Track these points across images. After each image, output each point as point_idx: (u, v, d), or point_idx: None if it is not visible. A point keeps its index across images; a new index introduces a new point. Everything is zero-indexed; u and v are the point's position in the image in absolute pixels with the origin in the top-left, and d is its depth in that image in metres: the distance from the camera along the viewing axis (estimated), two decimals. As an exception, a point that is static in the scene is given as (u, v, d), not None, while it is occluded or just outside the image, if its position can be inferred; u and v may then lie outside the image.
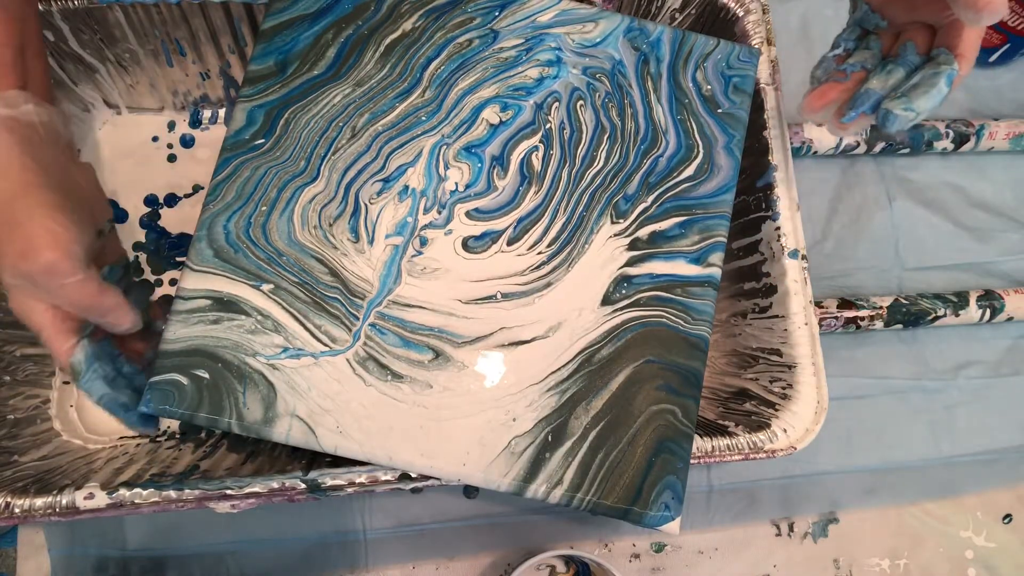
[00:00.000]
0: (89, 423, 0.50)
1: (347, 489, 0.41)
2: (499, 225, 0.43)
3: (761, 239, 0.50)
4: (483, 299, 0.42)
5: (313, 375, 0.40)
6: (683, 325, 0.43)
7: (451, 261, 0.42)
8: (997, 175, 0.65)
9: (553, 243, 0.43)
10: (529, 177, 0.44)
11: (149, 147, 0.56)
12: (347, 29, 0.45)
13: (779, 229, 0.48)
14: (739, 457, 0.45)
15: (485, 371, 0.41)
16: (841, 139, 0.59)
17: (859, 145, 0.60)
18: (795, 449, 0.45)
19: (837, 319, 0.56)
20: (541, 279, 0.43)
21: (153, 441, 0.50)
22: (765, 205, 0.50)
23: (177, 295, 0.40)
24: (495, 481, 0.40)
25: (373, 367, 0.40)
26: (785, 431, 0.45)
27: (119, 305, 0.38)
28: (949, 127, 0.62)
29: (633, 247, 0.44)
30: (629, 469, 0.40)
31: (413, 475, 0.41)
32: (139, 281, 0.44)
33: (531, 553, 0.49)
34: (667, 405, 0.41)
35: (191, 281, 0.41)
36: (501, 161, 0.44)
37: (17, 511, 0.40)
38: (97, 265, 0.40)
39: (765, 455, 0.45)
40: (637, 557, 0.55)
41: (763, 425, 0.46)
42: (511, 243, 0.43)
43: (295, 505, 0.51)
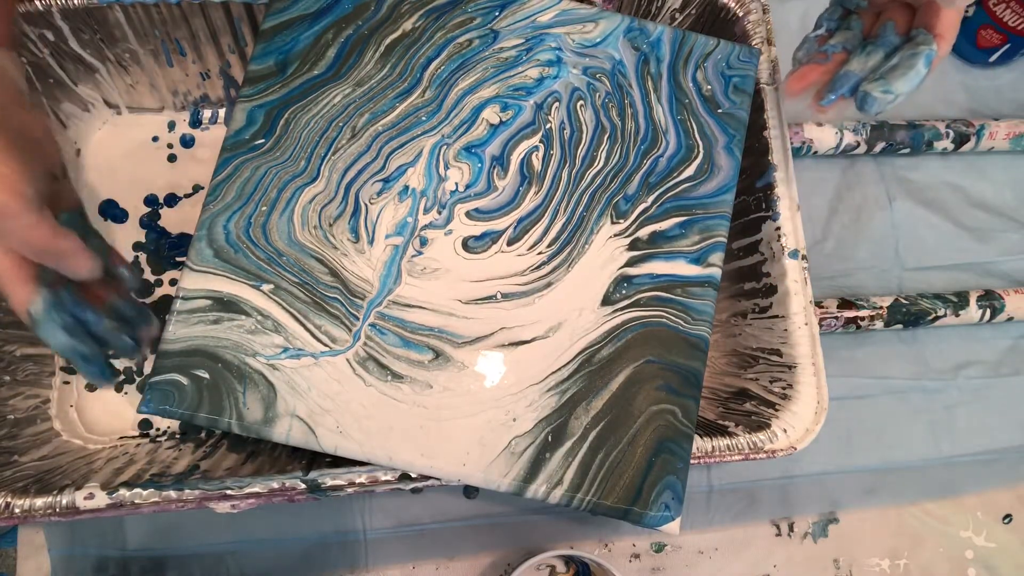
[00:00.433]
0: (89, 423, 0.50)
1: (347, 489, 0.41)
2: (499, 225, 0.43)
3: (761, 239, 0.50)
4: (483, 299, 0.42)
5: (313, 375, 0.40)
6: (683, 325, 0.43)
7: (451, 261, 0.42)
8: (997, 175, 0.65)
9: (553, 243, 0.43)
10: (529, 177, 0.44)
11: (149, 147, 0.56)
12: (347, 29, 0.45)
13: (779, 229, 0.48)
14: (739, 457, 0.45)
15: (485, 371, 0.41)
16: (841, 139, 0.59)
17: (859, 145, 0.60)
18: (795, 449, 0.45)
19: (837, 319, 0.56)
20: (541, 279, 0.43)
21: (153, 441, 0.50)
22: (765, 205, 0.50)
23: (177, 295, 0.40)
24: (495, 481, 0.40)
25: (373, 367, 0.40)
26: (785, 431, 0.45)
27: (77, 249, 0.37)
28: (949, 127, 0.62)
29: (633, 247, 0.44)
30: (629, 469, 0.40)
31: (413, 475, 0.41)
32: (93, 229, 0.44)
33: (531, 553, 0.49)
34: (667, 405, 0.41)
35: (191, 281, 0.41)
36: (501, 161, 0.44)
37: (17, 511, 0.40)
38: (52, 211, 0.39)
39: (765, 455, 0.45)
40: (637, 557, 0.55)
41: (763, 425, 0.46)
42: (511, 243, 0.43)
43: (295, 505, 0.51)
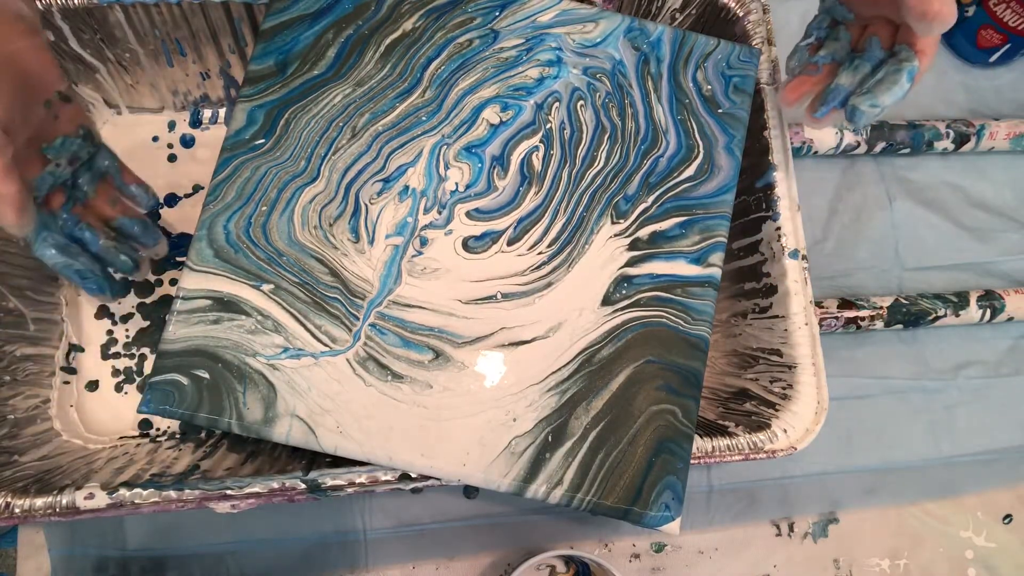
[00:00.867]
0: (89, 423, 0.50)
1: (347, 489, 0.41)
2: (499, 225, 0.43)
3: (761, 239, 0.50)
4: (483, 299, 0.42)
5: (313, 375, 0.40)
6: (683, 325, 0.43)
7: (451, 261, 0.42)
8: (997, 175, 0.65)
9: (553, 243, 0.43)
10: (529, 177, 0.44)
11: (149, 147, 0.56)
12: (347, 29, 0.45)
13: (779, 229, 0.48)
14: (739, 457, 0.45)
15: (485, 371, 0.41)
16: (841, 139, 0.59)
17: (859, 145, 0.60)
18: (795, 449, 0.45)
19: (837, 319, 0.56)
20: (541, 279, 0.43)
21: (153, 441, 0.50)
22: (765, 205, 0.49)
23: (177, 295, 0.40)
24: (495, 481, 0.40)
25: (373, 367, 0.40)
26: (785, 431, 0.45)
27: (7, 198, 0.36)
28: (949, 127, 0.62)
29: (633, 247, 0.44)
30: (629, 469, 0.40)
31: (413, 475, 0.41)
32: (105, 147, 0.44)
33: (531, 553, 0.49)
34: (667, 405, 0.41)
35: (191, 281, 0.41)
36: (501, 161, 0.44)
37: (17, 511, 0.40)
38: (46, 139, 0.39)
39: (765, 455, 0.45)
40: (637, 557, 0.55)
41: (763, 425, 0.46)
42: (511, 243, 0.43)
43: (295, 505, 0.51)
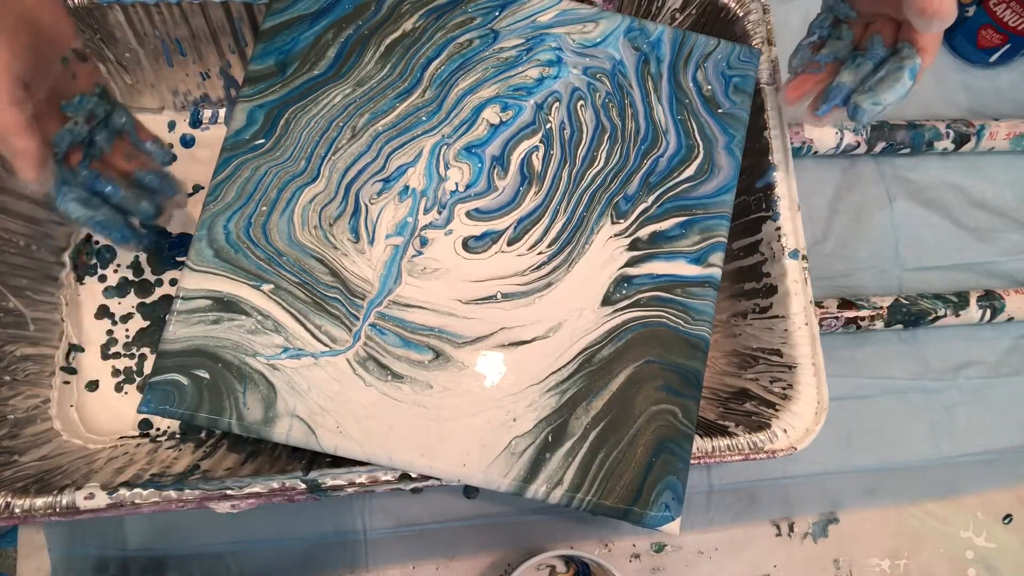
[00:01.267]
0: (89, 423, 0.50)
1: (347, 489, 0.41)
2: (499, 225, 0.43)
3: (761, 239, 0.50)
4: (483, 299, 0.42)
5: (313, 375, 0.40)
6: (683, 325, 0.43)
7: (451, 261, 0.42)
8: (997, 175, 0.65)
9: (553, 243, 0.43)
10: (529, 177, 0.44)
11: (149, 147, 0.56)
12: (347, 29, 0.45)
13: (779, 229, 0.48)
14: (739, 457, 0.45)
15: (485, 371, 0.41)
16: (841, 139, 0.59)
17: (859, 145, 0.60)
18: (795, 449, 0.45)
19: (837, 319, 0.56)
20: (541, 279, 0.43)
21: (153, 441, 0.50)
22: (765, 205, 0.49)
23: (177, 295, 0.40)
24: (495, 481, 0.40)
25: (373, 367, 0.40)
26: (785, 431, 0.45)
27: (29, 154, 0.37)
28: (949, 127, 0.62)
29: (633, 247, 0.44)
30: (629, 469, 0.40)
31: (413, 475, 0.41)
32: (121, 105, 0.45)
33: (531, 553, 0.49)
34: (667, 405, 0.41)
35: (191, 281, 0.41)
36: (501, 161, 0.44)
37: (17, 511, 0.40)
38: (64, 96, 0.40)
39: (765, 455, 0.45)
40: (637, 557, 0.55)
41: (763, 425, 0.46)
42: (511, 243, 0.43)
43: (295, 505, 0.51)
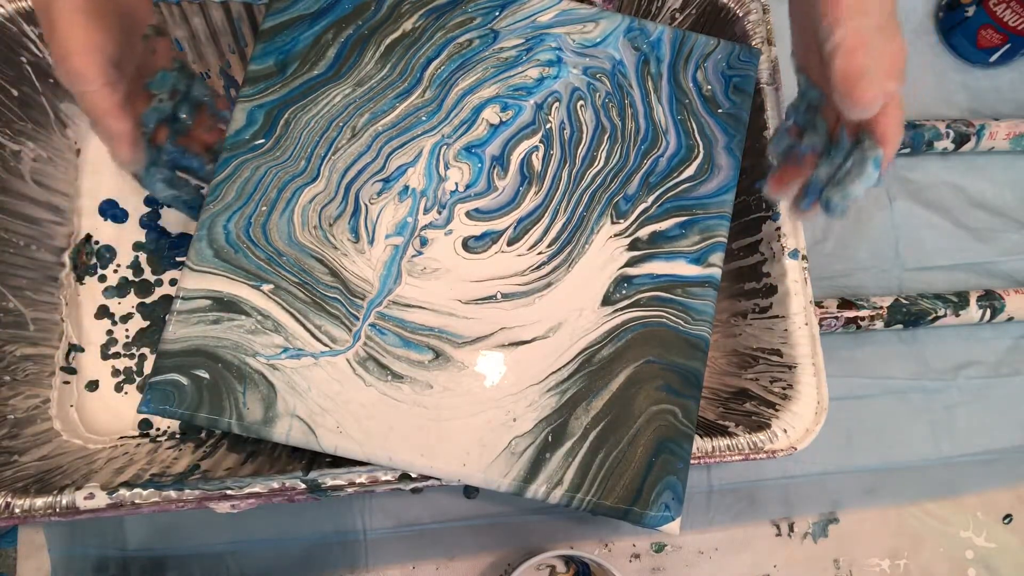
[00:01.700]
0: (89, 423, 0.50)
1: (347, 489, 0.41)
2: (499, 225, 0.43)
3: (761, 239, 0.50)
4: (483, 299, 0.42)
5: (313, 375, 0.40)
6: (683, 325, 0.43)
7: (451, 261, 0.42)
8: (997, 175, 0.65)
9: (553, 243, 0.43)
10: (529, 177, 0.44)
11: (149, 147, 0.56)
12: (347, 29, 0.45)
13: (779, 229, 0.48)
14: (739, 457, 0.45)
15: (485, 371, 0.41)
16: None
17: (859, 145, 0.60)
18: (795, 449, 0.45)
19: (837, 319, 0.56)
20: (541, 279, 0.43)
21: (153, 441, 0.50)
22: (765, 205, 0.49)
23: (177, 295, 0.40)
24: (495, 481, 0.40)
25: (373, 367, 0.40)
26: (785, 431, 0.45)
27: (124, 136, 0.37)
28: (949, 127, 0.62)
29: (633, 247, 0.44)
30: (629, 469, 0.40)
31: (413, 475, 0.41)
32: (199, 77, 0.44)
33: (531, 553, 0.49)
34: (667, 405, 0.41)
35: (191, 281, 0.41)
36: (501, 161, 0.44)
37: (17, 511, 0.40)
38: (146, 74, 0.40)
39: (765, 455, 0.45)
40: (637, 557, 0.55)
41: (763, 425, 0.46)
42: (511, 243, 0.43)
43: (295, 505, 0.51)
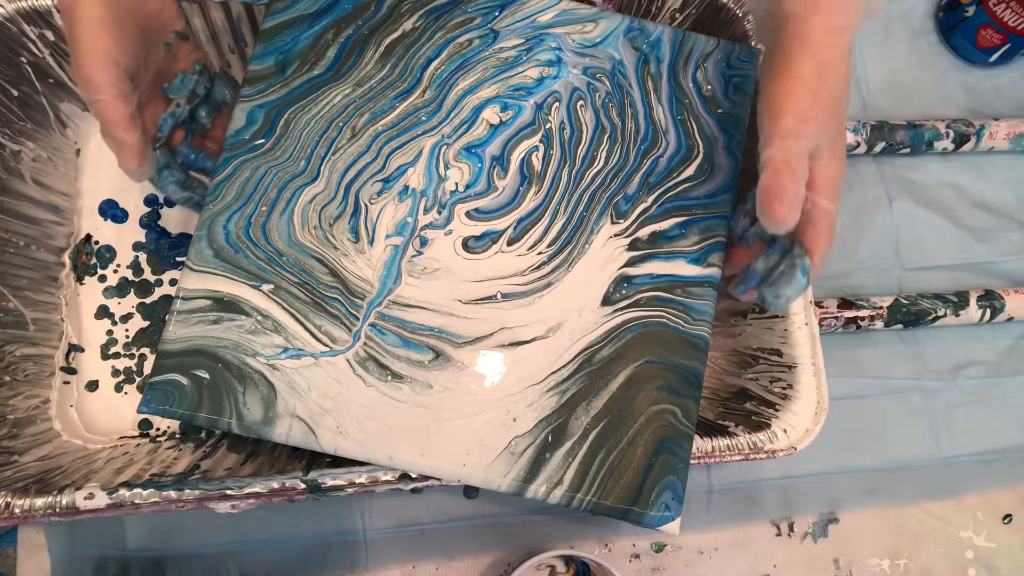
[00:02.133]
0: (89, 423, 0.50)
1: (347, 489, 0.41)
2: (499, 225, 0.43)
3: (761, 239, 0.50)
4: (483, 299, 0.42)
5: (313, 375, 0.40)
6: (683, 325, 0.43)
7: (451, 261, 0.42)
8: (997, 175, 0.65)
9: (553, 243, 0.43)
10: (529, 177, 0.44)
11: (149, 147, 0.56)
12: (347, 29, 0.45)
13: (779, 229, 0.48)
14: (739, 457, 0.45)
15: (485, 371, 0.41)
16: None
17: (859, 145, 0.60)
18: (795, 449, 0.45)
19: (837, 319, 0.56)
20: (541, 279, 0.43)
21: (153, 441, 0.50)
22: (765, 205, 0.49)
23: (177, 295, 0.40)
24: (495, 481, 0.40)
25: (373, 367, 0.40)
26: (785, 431, 0.45)
27: (131, 149, 0.38)
28: (949, 127, 0.62)
29: (633, 247, 0.44)
30: (629, 469, 0.40)
31: (413, 475, 0.41)
32: (220, 76, 0.45)
33: (531, 553, 0.49)
34: (667, 405, 0.41)
35: (191, 281, 0.41)
36: (501, 161, 0.44)
37: (17, 511, 0.40)
38: (166, 78, 0.40)
39: (765, 455, 0.45)
40: (637, 557, 0.55)
41: (763, 425, 0.46)
42: (511, 243, 0.43)
43: (295, 505, 0.51)
